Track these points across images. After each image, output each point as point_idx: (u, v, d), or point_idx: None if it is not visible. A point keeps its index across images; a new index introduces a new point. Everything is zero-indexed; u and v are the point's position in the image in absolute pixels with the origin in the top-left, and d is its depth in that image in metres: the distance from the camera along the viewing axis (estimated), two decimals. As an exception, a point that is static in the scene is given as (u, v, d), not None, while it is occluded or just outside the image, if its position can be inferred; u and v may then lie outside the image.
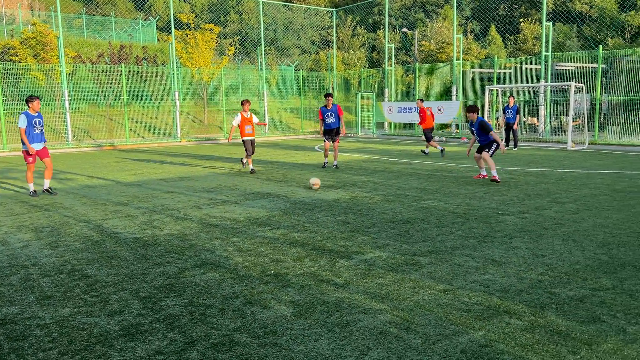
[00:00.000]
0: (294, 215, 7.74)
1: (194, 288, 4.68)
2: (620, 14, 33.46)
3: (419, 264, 5.28)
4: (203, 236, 6.55)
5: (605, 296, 4.32)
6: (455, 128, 25.50)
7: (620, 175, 11.23)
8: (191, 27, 27.15)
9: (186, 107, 27.83)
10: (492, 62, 24.80)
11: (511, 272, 4.95)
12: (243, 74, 31.32)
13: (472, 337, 3.60)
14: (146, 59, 28.02)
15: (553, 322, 3.83)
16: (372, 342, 3.56)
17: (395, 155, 17.07)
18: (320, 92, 32.83)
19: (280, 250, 5.87)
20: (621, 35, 33.66)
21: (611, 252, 5.58)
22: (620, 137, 20.17)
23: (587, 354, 3.35)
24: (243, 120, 12.80)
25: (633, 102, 20.71)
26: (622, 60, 20.73)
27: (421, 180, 11.10)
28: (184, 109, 27.09)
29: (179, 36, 26.89)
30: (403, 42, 43.19)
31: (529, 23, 38.35)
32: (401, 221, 7.21)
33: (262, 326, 3.85)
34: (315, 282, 4.77)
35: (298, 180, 11.45)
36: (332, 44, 33.79)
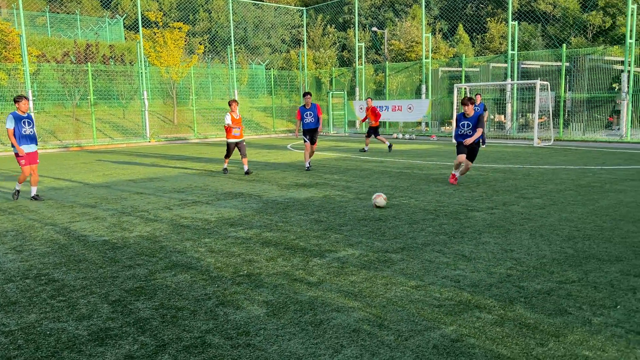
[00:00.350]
0: (267, 214, 7.71)
1: (165, 290, 4.62)
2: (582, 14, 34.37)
3: (391, 260, 5.33)
4: (174, 237, 6.47)
5: (572, 289, 4.44)
6: (425, 126, 25.79)
7: (585, 171, 11.54)
8: (159, 25, 26.75)
9: (155, 106, 27.41)
10: (460, 60, 25.17)
11: (481, 267, 5.04)
12: (213, 73, 31.02)
13: (444, 332, 3.66)
14: (113, 58, 27.49)
15: (522, 316, 3.91)
16: (346, 340, 3.57)
17: (367, 153, 17.16)
18: (291, 90, 32.76)
19: (253, 250, 5.84)
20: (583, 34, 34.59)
21: (576, 245, 5.73)
22: (584, 133, 20.73)
23: (555, 346, 3.43)
24: (232, 121, 12.36)
25: (595, 100, 21.30)
26: (585, 58, 21.30)
27: (392, 178, 11.19)
28: (153, 108, 26.67)
29: (147, 35, 26.46)
30: (373, 41, 43.46)
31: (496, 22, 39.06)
32: (373, 219, 7.26)
33: (235, 327, 3.82)
34: (289, 282, 4.76)
35: (270, 179, 11.41)
36: (303, 43, 33.74)
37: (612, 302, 4.13)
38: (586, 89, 21.27)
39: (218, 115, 28.99)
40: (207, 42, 39.48)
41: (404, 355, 3.34)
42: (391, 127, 28.07)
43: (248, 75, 32.19)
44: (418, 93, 26.52)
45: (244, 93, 31.34)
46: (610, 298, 4.22)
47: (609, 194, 8.66)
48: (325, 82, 33.10)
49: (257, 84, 32.67)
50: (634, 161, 13.15)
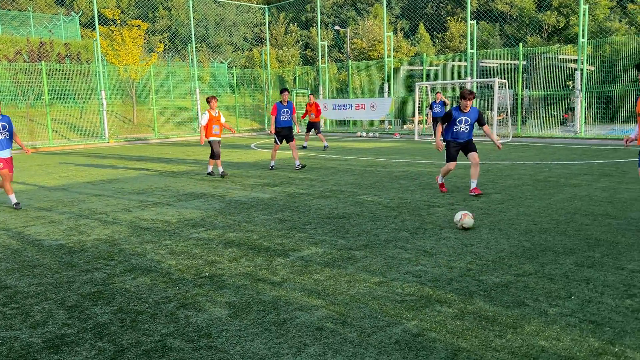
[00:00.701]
0: (230, 215, 7.64)
1: (124, 294, 4.51)
2: (538, 14, 35.37)
3: (355, 258, 5.35)
4: (133, 240, 6.32)
5: (529, 281, 4.56)
6: (388, 124, 26.05)
7: (541, 166, 11.88)
8: (117, 23, 26.11)
9: (114, 106, 26.76)
10: (421, 59, 25.53)
11: (442, 262, 5.12)
12: (174, 72, 30.51)
13: (406, 327, 3.69)
14: (69, 57, 26.69)
15: (481, 309, 3.99)
16: (309, 339, 3.57)
17: (331, 151, 17.21)
18: (255, 89, 32.54)
19: (215, 251, 5.77)
20: (539, 33, 35.61)
21: (533, 239, 5.89)
22: (541, 130, 21.35)
23: (513, 337, 3.51)
24: (211, 119, 11.61)
25: (551, 97, 21.97)
26: (540, 57, 21.93)
27: (356, 175, 11.26)
28: (111, 108, 26.04)
29: (104, 32, 25.80)
30: (336, 39, 43.61)
31: (455, 21, 39.79)
32: (337, 216, 7.28)
33: (196, 329, 3.77)
34: (252, 282, 4.72)
35: (234, 179, 11.30)
36: (266, 41, 33.57)
37: (567, 293, 4.26)
38: (542, 87, 21.91)
39: (179, 115, 28.56)
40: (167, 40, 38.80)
41: (367, 352, 3.36)
42: (355, 125, 28.24)
43: (210, 74, 31.80)
44: (381, 91, 26.76)
45: (206, 92, 30.93)
46: (565, 289, 4.35)
47: (564, 189, 8.94)
48: (288, 81, 33.03)
49: (220, 83, 32.31)
50: (587, 156, 13.62)
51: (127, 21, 27.41)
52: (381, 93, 26.52)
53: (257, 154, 17.25)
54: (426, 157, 14.49)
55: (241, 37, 45.03)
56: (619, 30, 30.33)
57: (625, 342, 3.41)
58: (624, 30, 30.00)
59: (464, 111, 8.49)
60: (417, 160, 13.79)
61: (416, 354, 3.32)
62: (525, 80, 22.38)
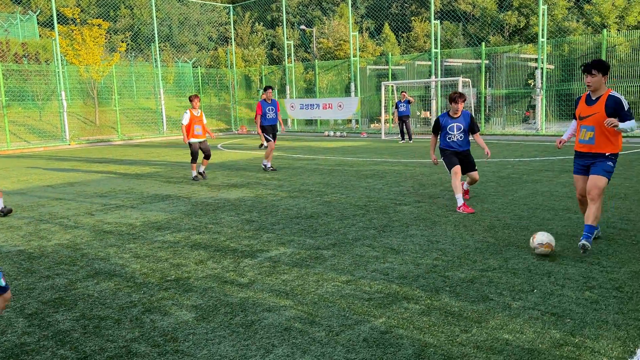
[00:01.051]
0: (196, 216, 7.54)
1: (87, 300, 4.40)
2: (499, 14, 36.16)
3: (323, 257, 5.36)
4: (96, 244, 6.17)
5: (493, 276, 4.65)
6: (355, 123, 26.19)
7: (504, 163, 12.14)
8: (77, 22, 25.46)
9: (75, 107, 26.08)
10: (387, 59, 25.76)
11: (408, 259, 5.17)
12: (137, 72, 29.93)
13: (374, 325, 3.72)
14: (27, 57, 25.91)
15: (447, 304, 4.05)
16: (277, 339, 3.55)
17: (298, 151, 17.19)
18: (221, 89, 32.22)
19: (181, 254, 5.68)
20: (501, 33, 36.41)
21: (497, 234, 6.02)
22: (504, 127, 21.83)
23: (478, 331, 3.58)
24: (192, 119, 10.90)
25: (513, 95, 22.49)
26: (502, 56, 22.42)
27: (324, 175, 11.27)
28: (72, 109, 25.37)
29: (64, 32, 25.11)
30: (302, 39, 43.60)
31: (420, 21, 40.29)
32: (305, 216, 7.27)
33: (162, 334, 3.70)
34: (219, 284, 4.67)
35: (200, 180, 11.16)
36: (231, 41, 33.28)
37: (530, 287, 4.36)
38: (504, 85, 22.40)
39: (143, 116, 28.05)
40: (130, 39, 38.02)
41: (335, 351, 3.37)
42: (322, 125, 28.29)
43: (174, 74, 31.34)
44: (347, 91, 26.88)
45: (171, 92, 30.47)
46: (528, 283, 4.45)
47: (526, 185, 9.16)
48: (255, 80, 32.83)
49: (184, 83, 31.87)
50: (548, 153, 13.99)
51: (88, 20, 26.76)
52: (348, 92, 26.64)
53: (223, 154, 17.09)
54: (393, 156, 14.63)
55: (206, 37, 44.52)
56: (577, 30, 31.28)
57: (585, 332, 3.51)
58: (582, 30, 30.96)
59: (454, 117, 7.47)
60: (384, 159, 13.90)
61: (384, 351, 3.34)
62: (488, 79, 22.84)
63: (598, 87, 5.18)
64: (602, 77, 5.15)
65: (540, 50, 19.68)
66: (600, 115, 5.14)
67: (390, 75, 24.89)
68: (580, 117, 5.37)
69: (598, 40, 20.32)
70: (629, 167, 10.85)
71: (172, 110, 29.80)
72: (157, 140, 25.21)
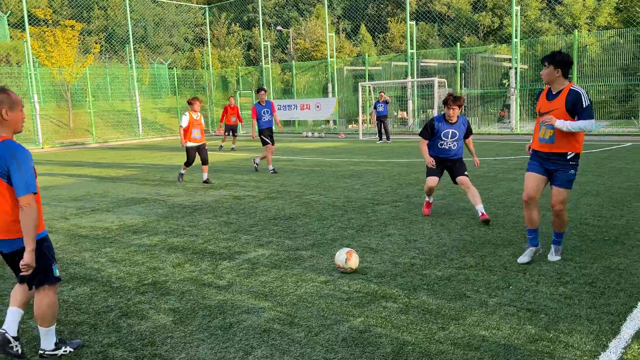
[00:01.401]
0: (173, 219, 7.47)
1: (62, 305, 4.32)
2: (474, 15, 36.64)
3: (302, 258, 5.36)
4: (71, 249, 6.07)
5: (470, 273, 4.71)
6: (333, 124, 26.25)
7: (480, 162, 12.29)
8: (49, 23, 24.99)
9: (48, 110, 25.60)
10: (363, 59, 25.89)
11: (386, 258, 5.21)
12: (111, 73, 29.52)
13: (352, 325, 3.73)
14: (-3, 58, 25.32)
15: (425, 302, 4.09)
16: (256, 341, 3.54)
17: (277, 152, 17.15)
18: (197, 90, 31.97)
19: (158, 257, 5.62)
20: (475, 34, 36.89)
21: (473, 232, 6.10)
22: (479, 127, 22.12)
23: (455, 328, 3.62)
24: (191, 122, 10.55)
25: (488, 95, 22.82)
26: (477, 56, 22.74)
27: (302, 176, 11.27)
28: (45, 112, 24.89)
29: (36, 33, 24.64)
30: (279, 40, 43.52)
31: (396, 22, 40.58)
32: (284, 217, 7.26)
33: (139, 338, 3.66)
34: (197, 287, 4.63)
35: (177, 182, 11.05)
36: (207, 42, 33.04)
37: (506, 284, 4.43)
38: (479, 85, 22.71)
39: (119, 118, 27.66)
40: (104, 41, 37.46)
41: (314, 351, 3.37)
42: (300, 125, 28.28)
43: (150, 75, 30.99)
44: (325, 92, 26.94)
45: (146, 94, 30.13)
46: (503, 280, 4.52)
47: (501, 183, 9.30)
48: (232, 82, 32.67)
49: (160, 84, 31.55)
50: (523, 151, 14.22)
51: (60, 21, 26.30)
52: (325, 93, 26.70)
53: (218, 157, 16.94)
54: (370, 156, 14.70)
55: (182, 38, 44.10)
56: (549, 30, 31.89)
57: (559, 327, 3.59)
58: (554, 30, 31.57)
59: (451, 122, 6.68)
60: (361, 159, 13.97)
61: (363, 350, 3.36)
62: (464, 79, 23.13)
63: (549, 80, 4.68)
64: (554, 69, 4.61)
65: (513, 51, 20.01)
66: (560, 111, 4.63)
67: (367, 76, 25.03)
68: (540, 112, 4.82)
69: (570, 40, 20.75)
70: (601, 164, 11.10)
71: (148, 112, 29.47)
72: (133, 142, 24.90)
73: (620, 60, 20.67)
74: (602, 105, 21.46)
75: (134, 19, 34.15)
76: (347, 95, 26.44)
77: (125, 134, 27.02)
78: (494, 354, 3.25)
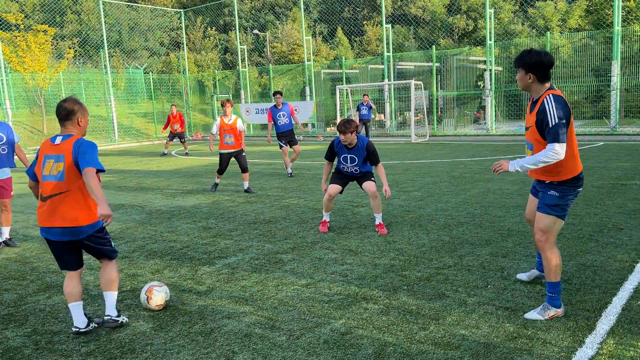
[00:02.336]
0: (151, 225, 7.39)
1: (38, 315, 4.24)
2: (449, 17, 37.10)
3: (282, 261, 5.35)
4: (46, 257, 5.95)
5: (449, 273, 4.76)
6: (311, 127, 26.27)
7: (457, 163, 12.45)
8: (20, 28, 24.52)
9: (21, 116, 25.10)
10: (340, 62, 25.99)
11: (367, 260, 5.24)
12: (86, 78, 29.09)
13: (334, 327, 3.74)
14: (-33, 64, 24.74)
15: (405, 303, 4.12)
16: (237, 346, 3.53)
17: (255, 156, 17.10)
18: (173, 94, 31.70)
19: (136, 264, 5.56)
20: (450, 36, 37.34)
21: (452, 232, 6.17)
22: (456, 128, 22.38)
23: (435, 328, 3.66)
24: (221, 127, 9.69)
25: (464, 97, 23.12)
26: (452, 59, 23.02)
27: (282, 179, 11.26)
28: (18, 118, 24.39)
29: (7, 38, 24.14)
30: (255, 43, 43.41)
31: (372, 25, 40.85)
32: (264, 221, 7.24)
33: (119, 346, 3.61)
34: (176, 293, 4.59)
35: (154, 188, 10.94)
36: (183, 46, 32.80)
37: (484, 283, 4.49)
38: (455, 87, 22.99)
39: (94, 123, 27.21)
40: (78, 45, 36.90)
41: (296, 354, 3.37)
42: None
43: (125, 80, 30.62)
44: (303, 95, 26.95)
45: (122, 98, 29.76)
46: (482, 279, 4.58)
47: (478, 184, 9.42)
48: (209, 86, 32.48)
49: (136, 89, 31.20)
50: (499, 152, 14.44)
51: (32, 26, 25.82)
52: (303, 96, 26.71)
53: (178, 161, 16.81)
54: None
55: (157, 42, 43.68)
56: (522, 32, 32.46)
57: (536, 324, 3.65)
58: (527, 33, 32.14)
59: (349, 148, 6.37)
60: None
61: (344, 352, 3.37)
62: (440, 82, 23.38)
63: (524, 87, 3.78)
64: (524, 74, 3.71)
65: (488, 53, 20.32)
66: (533, 130, 3.73)
67: (344, 79, 25.12)
68: (525, 127, 3.96)
69: (542, 42, 21.17)
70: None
71: (124, 117, 29.10)
72: (109, 148, 24.54)
73: (591, 62, 21.15)
74: (575, 105, 21.91)
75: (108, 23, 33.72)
76: (324, 98, 26.51)
77: (101, 140, 26.62)
78: (474, 353, 3.29)
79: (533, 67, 3.66)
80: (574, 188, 3.76)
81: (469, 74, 23.55)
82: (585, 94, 22.26)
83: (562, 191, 3.73)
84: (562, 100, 3.59)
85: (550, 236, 3.77)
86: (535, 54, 3.67)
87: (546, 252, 3.78)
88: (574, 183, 3.74)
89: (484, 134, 20.48)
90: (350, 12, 44.67)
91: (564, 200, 3.74)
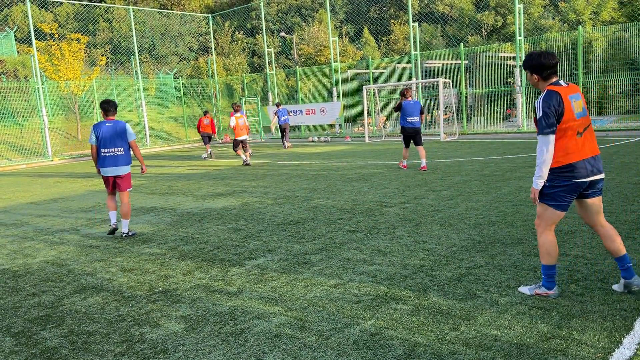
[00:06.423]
0: (182, 227, 7.50)
1: (75, 316, 4.35)
2: (477, 14, 36.57)
3: (311, 262, 5.36)
4: (82, 259, 6.11)
5: (480, 273, 4.69)
6: (339, 128, 26.27)
7: (487, 162, 12.26)
8: (55, 37, 25.25)
9: (56, 122, 25.83)
10: (367, 63, 25.89)
11: (396, 260, 5.20)
12: (118, 85, 29.75)
13: (363, 327, 3.73)
14: (5, 74, 25.64)
15: (435, 303, 4.08)
16: (268, 346, 3.55)
17: (283, 157, 17.19)
18: (202, 99, 32.13)
19: (168, 265, 5.65)
20: (479, 33, 36.80)
21: (482, 232, 6.07)
22: (486, 126, 22.04)
23: (467, 329, 3.61)
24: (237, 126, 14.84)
25: (494, 94, 22.73)
26: (481, 56, 22.67)
27: (309, 180, 11.29)
28: (54, 125, 25.12)
29: (42, 47, 24.88)
30: (282, 46, 43.65)
31: (399, 24, 40.58)
32: (292, 222, 7.27)
33: (152, 346, 3.68)
34: (207, 294, 4.65)
35: (185, 191, 11.11)
36: (211, 50, 33.21)
37: (516, 282, 4.41)
38: (484, 85, 22.63)
39: (126, 129, 27.82)
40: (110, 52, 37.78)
41: (326, 355, 3.37)
42: (306, 130, 28.34)
43: (156, 85, 31.18)
44: (330, 96, 26.97)
45: (153, 103, 30.33)
46: (514, 278, 4.50)
47: (509, 182, 9.26)
48: (237, 89, 32.80)
49: (166, 94, 31.75)
50: (530, 149, 14.15)
51: (66, 35, 26.55)
52: (330, 97, 26.72)
53: (207, 164, 17.02)
54: (377, 159, 14.70)
55: (186, 47, 44.38)
56: (553, 27, 31.75)
57: (571, 324, 3.56)
58: (558, 27, 31.43)
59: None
60: (368, 162, 13.96)
61: (374, 352, 3.36)
62: (468, 79, 23.06)
63: (534, 86, 4.04)
64: (530, 75, 4.00)
65: (518, 49, 19.94)
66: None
67: (371, 79, 25.02)
68: None
69: (574, 36, 20.66)
70: (610, 160, 11.02)
71: (155, 122, 29.66)
72: (142, 152, 25.06)
73: (626, 55, 20.53)
74: (609, 100, 21.31)
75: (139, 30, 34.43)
76: (352, 98, 26.46)
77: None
78: (507, 354, 3.23)
79: (535, 68, 3.94)
80: (563, 179, 3.87)
81: (499, 71, 23.13)
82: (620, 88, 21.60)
83: (550, 180, 3.91)
84: (552, 94, 3.81)
85: (542, 222, 4.01)
86: (535, 56, 3.94)
87: (538, 236, 4.05)
88: (562, 173, 3.86)
89: (515, 131, 20.11)
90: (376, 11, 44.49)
91: (553, 190, 3.91)
